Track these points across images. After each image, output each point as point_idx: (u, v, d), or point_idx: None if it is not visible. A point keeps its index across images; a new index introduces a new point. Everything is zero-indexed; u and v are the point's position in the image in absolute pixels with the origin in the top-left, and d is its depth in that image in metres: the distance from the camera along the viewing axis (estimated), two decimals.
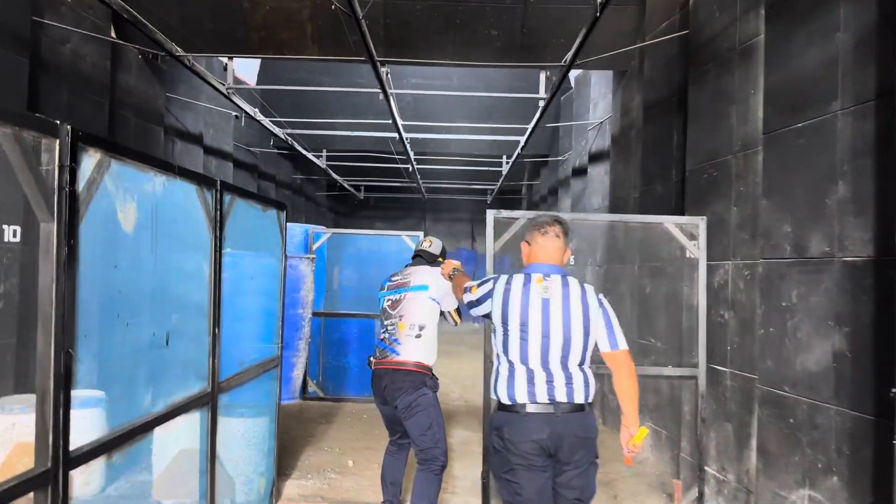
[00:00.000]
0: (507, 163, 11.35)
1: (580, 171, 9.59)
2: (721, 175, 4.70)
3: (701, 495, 4.68)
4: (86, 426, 2.56)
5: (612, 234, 7.23)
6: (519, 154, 9.65)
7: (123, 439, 2.61)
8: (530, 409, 2.86)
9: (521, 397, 2.88)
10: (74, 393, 2.16)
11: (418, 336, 4.01)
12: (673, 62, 5.87)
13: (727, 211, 4.61)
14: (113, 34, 6.86)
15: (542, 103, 7.15)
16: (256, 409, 4.57)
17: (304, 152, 10.79)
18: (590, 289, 3.05)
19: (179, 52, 6.21)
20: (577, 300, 2.95)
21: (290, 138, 9.87)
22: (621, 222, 4.75)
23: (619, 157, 7.41)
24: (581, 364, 2.96)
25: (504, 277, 3.05)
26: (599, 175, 8.40)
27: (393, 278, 4.24)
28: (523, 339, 2.91)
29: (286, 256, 4.69)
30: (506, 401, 2.93)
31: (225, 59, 7.50)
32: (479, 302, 3.10)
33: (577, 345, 2.92)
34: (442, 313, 4.21)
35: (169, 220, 3.00)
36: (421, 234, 8.63)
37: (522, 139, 9.24)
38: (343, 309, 8.47)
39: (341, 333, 8.47)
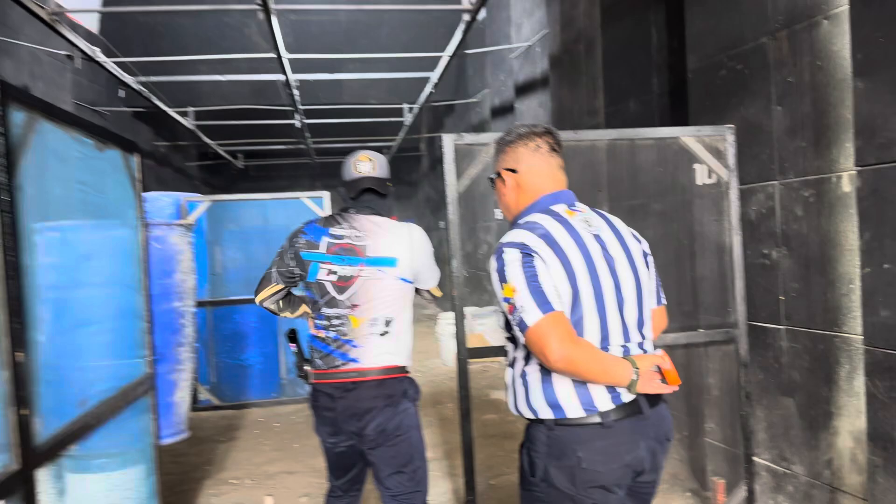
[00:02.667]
0: (413, 109, 9.86)
1: (503, 110, 8.28)
2: (750, 66, 3.49)
3: (751, 493, 3.55)
4: None
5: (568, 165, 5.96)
6: (431, 93, 8.19)
7: None
8: (615, 415, 1.86)
9: (603, 401, 1.86)
10: None
11: (384, 333, 2.56)
12: None
13: (765, 114, 3.41)
14: None
15: (466, 17, 5.73)
16: (122, 459, 2.98)
17: (166, 108, 8.85)
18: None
19: None
20: (629, 235, 2.06)
21: (144, 89, 7.93)
22: (621, 139, 3.46)
23: (563, 80, 6.14)
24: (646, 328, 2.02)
25: (524, 233, 1.89)
26: (532, 108, 7.12)
27: (334, 232, 2.60)
28: (600, 306, 1.88)
29: (146, 224, 3.07)
30: (577, 413, 1.86)
31: None
32: (536, 294, 1.80)
33: (647, 300, 2.01)
34: (416, 290, 2.77)
35: None
36: (325, 195, 7.01)
37: (434, 74, 7.79)
38: (234, 294, 6.80)
39: (235, 325, 6.81)
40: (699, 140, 3.51)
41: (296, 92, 8.02)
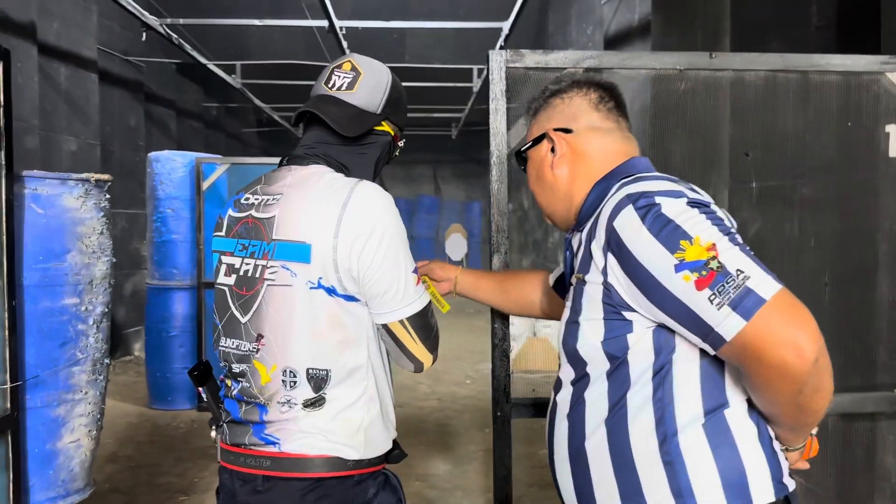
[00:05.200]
0: (482, 72, 8.57)
1: (589, 71, 6.89)
2: None
3: None
4: None
5: (689, 112, 4.59)
6: (502, 47, 6.88)
7: None
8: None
9: (786, 475, 1.15)
10: None
11: (314, 403, 1.32)
12: None
13: None
14: None
15: None
16: None
17: (202, 60, 7.86)
18: None
19: None
20: None
21: (173, 34, 6.93)
22: (788, 70, 2.09)
23: (671, 23, 4.74)
24: None
25: (669, 183, 1.16)
26: None
27: (244, 200, 1.43)
28: None
29: (14, 177, 1.94)
30: (765, 496, 1.09)
31: None
32: (752, 256, 1.04)
33: None
34: (390, 335, 1.40)
35: None
36: None
37: (506, 24, 6.48)
38: None
39: None
40: None
41: (344, 43, 6.86)
